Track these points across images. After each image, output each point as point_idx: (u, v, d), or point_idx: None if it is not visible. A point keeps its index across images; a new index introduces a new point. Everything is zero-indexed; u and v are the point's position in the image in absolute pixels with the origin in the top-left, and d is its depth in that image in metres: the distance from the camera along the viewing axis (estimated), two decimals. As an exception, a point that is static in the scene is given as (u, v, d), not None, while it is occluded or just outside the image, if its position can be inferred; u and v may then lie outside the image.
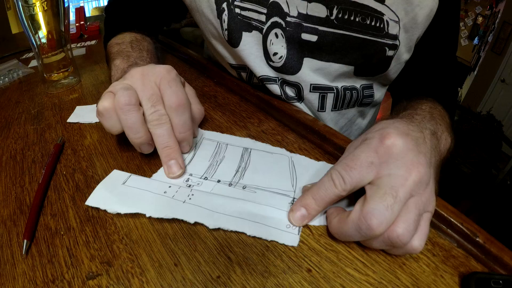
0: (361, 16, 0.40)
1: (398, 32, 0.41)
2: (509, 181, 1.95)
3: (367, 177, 0.25)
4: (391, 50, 0.42)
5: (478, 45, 2.74)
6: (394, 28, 0.41)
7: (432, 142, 0.29)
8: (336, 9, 0.39)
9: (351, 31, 0.40)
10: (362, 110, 0.52)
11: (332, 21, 0.40)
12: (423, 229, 0.24)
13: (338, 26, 0.40)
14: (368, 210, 0.23)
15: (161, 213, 0.27)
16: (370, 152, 0.25)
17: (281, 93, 0.45)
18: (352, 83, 0.47)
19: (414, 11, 0.40)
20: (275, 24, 0.42)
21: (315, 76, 0.44)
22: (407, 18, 0.40)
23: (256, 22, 0.43)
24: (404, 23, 0.41)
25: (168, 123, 0.31)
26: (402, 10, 0.40)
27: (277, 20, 0.41)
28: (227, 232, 0.26)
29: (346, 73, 0.45)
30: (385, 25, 0.40)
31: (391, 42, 0.41)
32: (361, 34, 0.41)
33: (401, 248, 0.23)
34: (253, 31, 0.43)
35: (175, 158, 0.31)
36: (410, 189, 0.24)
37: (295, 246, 0.25)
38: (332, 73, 0.44)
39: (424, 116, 0.34)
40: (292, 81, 0.44)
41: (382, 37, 0.41)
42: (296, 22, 0.41)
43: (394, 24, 0.40)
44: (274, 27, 0.42)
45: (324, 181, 0.26)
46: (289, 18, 0.41)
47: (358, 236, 0.24)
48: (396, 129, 0.27)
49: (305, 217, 0.27)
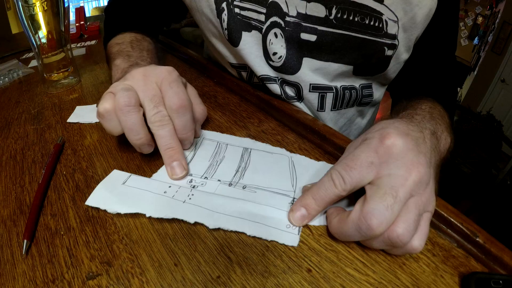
0: (360, 15, 0.40)
1: (397, 31, 0.41)
2: (509, 181, 1.95)
3: (367, 177, 0.25)
4: (390, 49, 0.42)
5: (478, 45, 2.74)
6: (393, 28, 0.41)
7: (432, 142, 0.29)
8: (335, 9, 0.39)
9: (350, 31, 0.40)
10: (361, 110, 0.52)
11: (331, 21, 0.40)
12: (423, 229, 0.24)
13: (337, 26, 0.40)
14: (368, 210, 0.23)
15: (161, 213, 0.27)
16: (370, 152, 0.25)
17: (281, 92, 0.45)
18: (351, 82, 0.47)
19: (413, 11, 0.40)
20: (274, 24, 0.42)
21: (314, 76, 0.44)
22: (406, 18, 0.40)
23: (256, 22, 0.43)
24: (403, 23, 0.41)
25: (170, 124, 0.31)
26: (401, 10, 0.40)
27: (276, 20, 0.41)
28: (227, 232, 0.26)
29: (345, 73, 0.45)
30: (384, 24, 0.40)
31: (390, 41, 0.42)
32: (360, 34, 0.41)
33: (401, 248, 0.23)
34: (253, 30, 0.43)
35: (178, 159, 0.31)
36: (410, 189, 0.24)
37: (295, 246, 0.25)
38: (331, 72, 0.44)
39: (424, 116, 0.34)
40: (291, 81, 0.44)
41: (381, 37, 0.41)
42: (295, 22, 0.41)
43: (393, 23, 0.40)
44: (273, 27, 0.42)
45: (324, 181, 0.26)
46: (288, 18, 0.41)
47: (358, 236, 0.24)
48: (396, 129, 0.27)
49: (305, 217, 0.27)
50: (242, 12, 0.42)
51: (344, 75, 0.45)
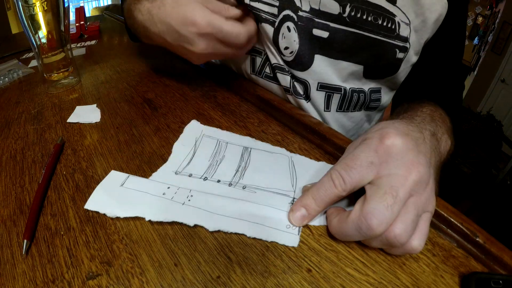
0: (374, 15, 0.39)
1: (409, 34, 0.41)
2: (509, 181, 1.95)
3: (367, 177, 0.25)
4: (401, 52, 0.42)
5: (478, 45, 2.75)
6: (405, 30, 0.40)
7: (432, 142, 0.29)
8: (349, 7, 0.39)
9: (362, 30, 0.40)
10: (369, 114, 0.52)
11: (345, 19, 0.40)
12: (423, 229, 0.24)
13: (350, 24, 0.40)
14: (368, 210, 0.23)
15: (160, 216, 0.27)
16: (370, 152, 0.25)
17: (290, 85, 0.45)
18: (361, 85, 0.46)
19: (424, 14, 0.40)
20: (287, 17, 0.41)
21: (324, 74, 0.44)
22: (417, 21, 0.40)
23: (267, 15, 0.42)
24: (414, 26, 0.40)
25: None
26: (412, 12, 0.40)
27: (289, 13, 0.41)
28: (227, 232, 0.26)
29: (355, 73, 0.44)
30: (397, 26, 0.40)
31: (401, 44, 0.41)
32: (372, 34, 0.40)
33: (399, 248, 0.23)
34: (263, 23, 0.42)
35: None
36: (410, 188, 0.23)
37: (295, 246, 0.25)
38: (341, 71, 0.44)
39: (424, 118, 0.34)
40: (300, 77, 0.44)
41: (393, 39, 0.41)
42: (308, 17, 0.40)
43: (405, 26, 0.40)
44: (287, 20, 0.41)
45: (324, 181, 0.26)
46: (301, 13, 0.40)
47: (358, 236, 0.24)
48: (395, 129, 0.27)
49: (305, 217, 0.27)
50: (252, 3, 0.42)
51: (354, 76, 0.45)
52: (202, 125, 0.39)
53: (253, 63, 0.49)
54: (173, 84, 0.51)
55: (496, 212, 1.66)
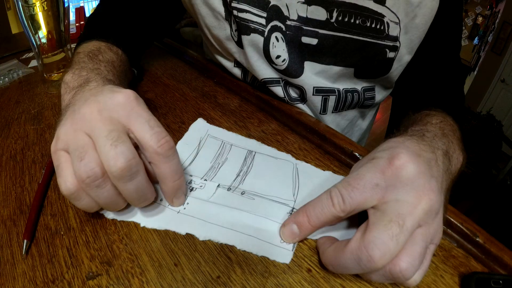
0: (361, 18, 0.39)
1: (399, 33, 0.41)
2: (509, 181, 1.95)
3: (370, 200, 0.23)
4: (391, 52, 0.42)
5: (478, 45, 2.74)
6: (395, 30, 0.40)
7: (445, 164, 0.27)
8: (336, 12, 0.39)
9: (351, 34, 0.40)
10: (362, 111, 0.52)
11: (332, 24, 0.40)
12: (425, 263, 0.22)
13: (338, 29, 0.40)
14: (371, 239, 0.21)
15: (154, 224, 0.27)
16: (376, 172, 0.23)
17: (284, 95, 0.45)
18: (353, 85, 0.47)
19: (414, 12, 0.40)
20: (275, 28, 0.41)
21: (317, 79, 0.44)
22: (407, 19, 0.40)
23: (255, 25, 0.42)
24: (405, 24, 0.40)
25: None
26: (402, 11, 0.40)
27: (277, 24, 0.41)
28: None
29: (346, 75, 0.45)
30: (386, 27, 0.40)
31: (391, 43, 0.41)
32: (361, 37, 0.40)
33: (401, 283, 0.22)
34: (252, 34, 0.42)
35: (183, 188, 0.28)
36: (419, 218, 0.21)
37: (287, 263, 0.24)
38: (333, 75, 0.44)
39: (436, 134, 0.31)
40: (295, 83, 0.44)
41: (382, 39, 0.41)
42: (296, 25, 0.40)
43: (394, 25, 0.40)
44: (275, 30, 0.41)
45: (322, 198, 0.24)
46: (289, 22, 0.40)
47: (357, 269, 0.21)
48: (406, 148, 0.24)
49: (296, 235, 0.25)
50: (239, 14, 0.41)
51: (345, 77, 0.45)
52: (208, 124, 0.39)
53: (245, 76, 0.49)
54: (173, 84, 0.51)
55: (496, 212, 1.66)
